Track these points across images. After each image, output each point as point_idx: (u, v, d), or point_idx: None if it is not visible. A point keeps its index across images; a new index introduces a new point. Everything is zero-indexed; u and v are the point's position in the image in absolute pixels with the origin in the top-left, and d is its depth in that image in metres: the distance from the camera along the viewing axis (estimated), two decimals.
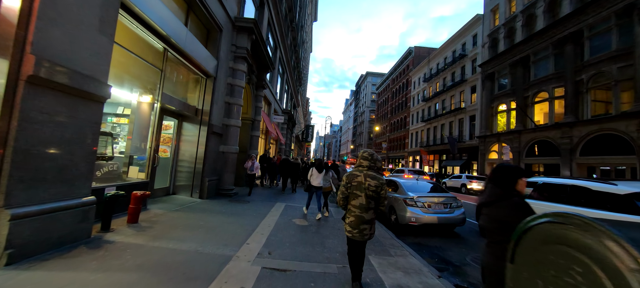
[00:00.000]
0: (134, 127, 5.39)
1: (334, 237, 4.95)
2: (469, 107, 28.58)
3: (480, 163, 25.63)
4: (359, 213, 2.82)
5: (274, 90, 17.19)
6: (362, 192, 2.82)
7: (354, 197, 2.86)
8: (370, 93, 77.02)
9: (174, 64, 6.46)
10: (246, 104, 10.75)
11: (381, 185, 2.83)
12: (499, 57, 24.22)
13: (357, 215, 2.83)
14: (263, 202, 7.87)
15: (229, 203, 7.13)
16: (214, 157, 7.79)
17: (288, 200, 8.88)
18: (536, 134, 19.84)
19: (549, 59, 19.46)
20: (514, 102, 22.32)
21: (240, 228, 4.86)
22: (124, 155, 5.41)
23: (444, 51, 35.26)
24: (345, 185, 2.91)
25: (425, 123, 37.95)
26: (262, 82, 11.22)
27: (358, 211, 2.83)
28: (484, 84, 26.08)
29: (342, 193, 2.93)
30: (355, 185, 2.86)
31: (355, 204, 2.85)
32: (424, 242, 5.52)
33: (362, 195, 2.82)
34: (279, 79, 19.72)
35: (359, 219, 2.82)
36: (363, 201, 2.82)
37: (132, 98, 5.40)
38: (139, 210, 4.36)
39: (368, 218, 2.83)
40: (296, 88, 32.60)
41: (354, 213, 2.85)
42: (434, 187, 6.62)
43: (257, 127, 11.29)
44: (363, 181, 2.84)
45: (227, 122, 8.28)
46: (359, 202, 2.83)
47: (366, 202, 2.82)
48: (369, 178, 2.84)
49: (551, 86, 18.99)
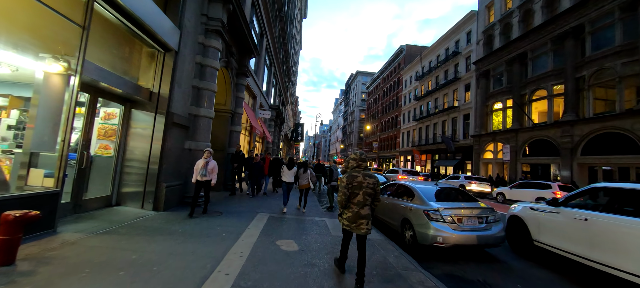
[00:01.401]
0: (38, 110, 3.60)
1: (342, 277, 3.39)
2: (463, 105, 27.89)
3: (475, 163, 24.91)
4: (357, 209, 3.05)
5: (260, 83, 15.45)
6: (361, 190, 3.05)
7: (354, 195, 3.07)
8: (360, 92, 76.18)
9: (112, 26, 4.68)
10: (224, 92, 9.01)
11: (377, 182, 3.15)
12: (494, 54, 23.55)
13: (355, 212, 3.05)
14: (240, 213, 6.19)
15: (193, 216, 5.41)
16: (176, 155, 6.03)
17: (273, 207, 7.23)
18: (534, 132, 19.17)
19: (548, 55, 18.82)
20: (510, 100, 21.65)
21: (194, 262, 3.22)
22: (22, 152, 3.62)
23: (437, 49, 34.59)
24: (347, 185, 3.08)
25: (417, 122, 37.19)
26: (244, 68, 9.50)
27: (356, 208, 3.05)
28: (478, 82, 25.40)
29: (344, 193, 3.08)
30: (356, 185, 3.07)
31: (354, 201, 3.07)
32: (459, 272, 4.07)
33: (361, 193, 3.05)
34: (265, 72, 17.97)
35: (356, 215, 3.04)
36: (361, 198, 3.05)
37: (36, 67, 3.61)
38: (16, 242, 2.61)
39: (364, 213, 3.04)
40: (285, 84, 30.85)
41: (353, 210, 3.07)
42: (460, 194, 5.21)
43: (238, 121, 9.56)
44: (363, 180, 3.07)
45: (196, 111, 6.52)
46: (357, 200, 3.05)
47: (363, 199, 3.05)
48: (367, 177, 3.10)
49: (550, 83, 18.34)
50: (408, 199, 5.17)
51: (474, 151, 25.04)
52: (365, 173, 3.11)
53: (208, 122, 6.75)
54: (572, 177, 16.10)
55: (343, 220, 3.14)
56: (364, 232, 3.00)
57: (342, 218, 3.16)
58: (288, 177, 7.13)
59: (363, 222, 2.99)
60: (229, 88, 9.01)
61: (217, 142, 8.70)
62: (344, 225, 3.13)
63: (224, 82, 8.82)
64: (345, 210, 3.12)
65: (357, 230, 3.01)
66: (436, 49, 34.69)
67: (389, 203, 5.86)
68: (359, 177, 3.06)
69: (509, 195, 13.71)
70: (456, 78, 29.16)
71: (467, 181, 17.15)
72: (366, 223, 3.00)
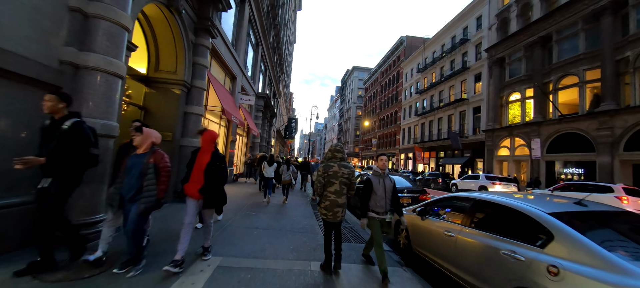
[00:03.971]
0: None
1: None
2: (473, 97, 25.41)
3: (487, 160, 22.45)
4: (334, 198, 3.22)
5: (242, 61, 12.48)
6: (337, 179, 3.23)
7: (330, 184, 3.23)
8: (356, 88, 73.59)
9: None
10: (171, 52, 6.05)
11: (352, 172, 3.32)
12: (510, 39, 21.06)
13: (332, 200, 3.22)
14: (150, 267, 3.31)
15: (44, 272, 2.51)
16: (14, 140, 3.05)
17: (242, 238, 4.42)
18: (561, 125, 16.71)
19: (578, 36, 16.33)
20: (530, 89, 19.19)
21: None
22: None
23: (442, 38, 32.06)
24: (323, 174, 3.26)
25: (420, 117, 34.68)
26: (207, 22, 6.55)
27: (333, 196, 3.22)
28: (491, 71, 22.91)
29: (320, 182, 3.27)
30: (332, 174, 3.23)
31: (331, 190, 3.23)
32: None
33: (337, 182, 3.23)
34: (250, 50, 14.99)
35: (333, 203, 3.22)
36: (338, 187, 3.23)
37: None
38: None
39: (341, 202, 3.24)
40: (276, 74, 27.82)
41: (330, 198, 3.23)
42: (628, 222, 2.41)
43: (197, 99, 6.61)
44: (338, 170, 3.25)
45: (76, 59, 3.47)
46: (334, 189, 3.23)
47: (340, 188, 3.24)
48: (342, 168, 3.28)
49: (582, 68, 15.86)
50: (531, 242, 2.34)
51: (486, 147, 22.58)
52: (341, 164, 3.28)
53: (108, 82, 3.64)
54: (613, 176, 13.66)
55: (321, 209, 3.27)
56: (339, 219, 3.25)
57: (320, 207, 3.29)
58: (268, 172, 7.83)
59: (339, 210, 3.22)
60: (180, 46, 6.02)
61: (161, 126, 5.72)
62: (322, 214, 3.27)
63: (171, 36, 5.85)
64: (322, 199, 3.27)
65: (334, 218, 3.21)
66: (441, 37, 32.16)
67: (466, 240, 3.02)
68: (335, 167, 3.24)
69: None
70: (464, 68, 26.65)
71: (489, 182, 14.54)
72: (341, 211, 3.24)
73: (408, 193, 6.49)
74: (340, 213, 3.20)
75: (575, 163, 16.17)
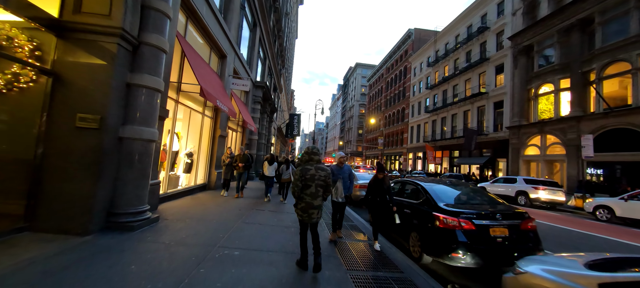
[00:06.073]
0: None
1: None
2: (493, 91, 23.03)
3: (512, 161, 20.08)
4: (309, 200, 3.24)
5: (235, 38, 10.17)
6: (313, 182, 3.25)
7: (307, 187, 3.24)
8: (359, 86, 71.16)
9: None
10: None
11: (328, 174, 3.36)
12: (540, 24, 18.69)
13: (308, 202, 3.24)
14: None
15: None
16: None
17: None
18: (608, 120, 14.35)
19: (630, 15, 13.95)
20: (566, 79, 16.82)
21: None
22: None
23: (455, 28, 29.67)
24: (300, 178, 3.26)
25: (430, 114, 32.31)
26: None
27: (309, 198, 3.24)
28: (516, 61, 20.54)
29: (297, 185, 3.27)
30: (309, 177, 3.25)
31: (307, 193, 3.25)
32: None
33: (313, 185, 3.25)
34: (246, 28, 12.68)
35: (309, 205, 3.23)
36: (314, 190, 3.25)
37: None
38: None
39: (316, 204, 3.27)
40: (277, 65, 25.50)
41: (306, 200, 3.24)
42: None
43: (151, 65, 4.26)
44: (315, 173, 3.27)
45: None
46: (310, 191, 3.24)
47: (316, 190, 3.26)
48: (319, 170, 3.30)
49: (635, 53, 13.49)
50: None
51: (511, 146, 20.22)
52: (317, 166, 3.33)
53: None
54: None
55: (297, 210, 3.32)
56: (315, 220, 3.28)
57: (296, 209, 3.34)
58: (269, 171, 8.45)
59: (314, 212, 3.25)
60: None
61: (83, 104, 3.42)
62: (298, 215, 3.33)
63: None
64: (299, 201, 3.29)
65: (309, 219, 3.25)
66: (455, 28, 29.76)
67: None
68: (312, 170, 3.27)
69: (623, 211, 8.78)
70: (483, 59, 24.27)
71: (530, 186, 12.18)
72: (317, 213, 3.27)
73: (503, 218, 3.77)
74: (315, 215, 3.25)
75: (623, 164, 13.77)
